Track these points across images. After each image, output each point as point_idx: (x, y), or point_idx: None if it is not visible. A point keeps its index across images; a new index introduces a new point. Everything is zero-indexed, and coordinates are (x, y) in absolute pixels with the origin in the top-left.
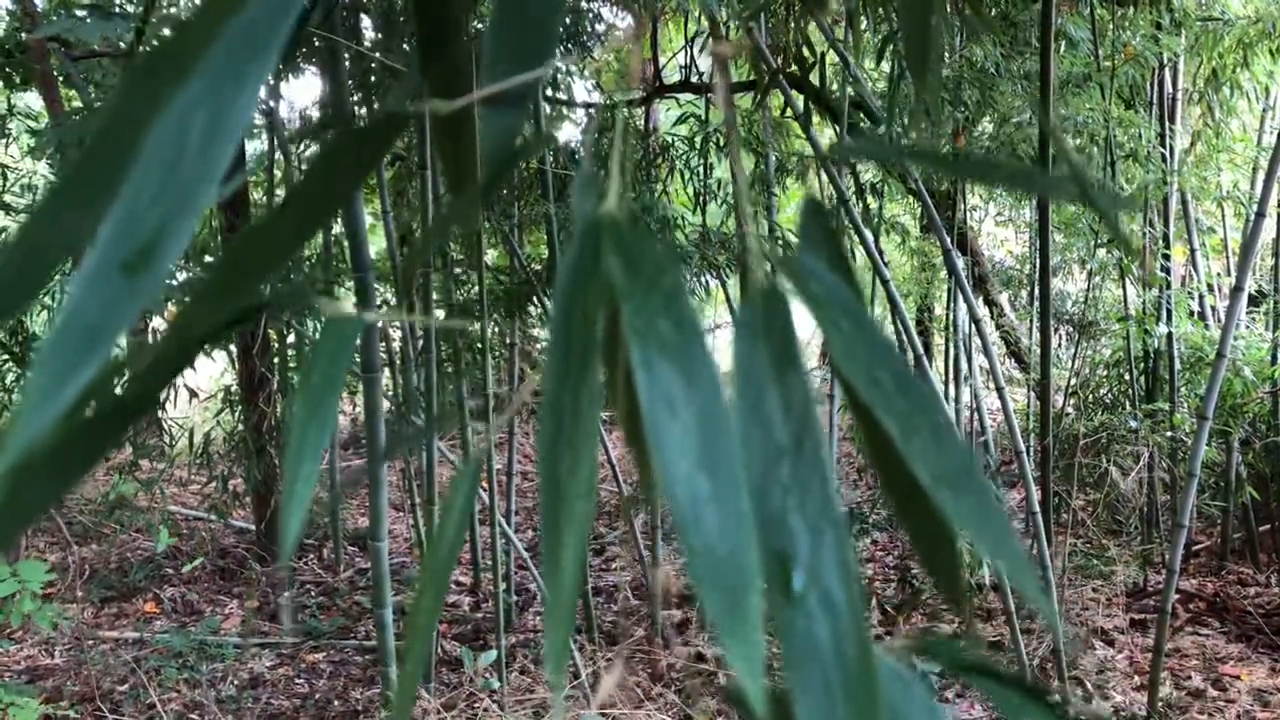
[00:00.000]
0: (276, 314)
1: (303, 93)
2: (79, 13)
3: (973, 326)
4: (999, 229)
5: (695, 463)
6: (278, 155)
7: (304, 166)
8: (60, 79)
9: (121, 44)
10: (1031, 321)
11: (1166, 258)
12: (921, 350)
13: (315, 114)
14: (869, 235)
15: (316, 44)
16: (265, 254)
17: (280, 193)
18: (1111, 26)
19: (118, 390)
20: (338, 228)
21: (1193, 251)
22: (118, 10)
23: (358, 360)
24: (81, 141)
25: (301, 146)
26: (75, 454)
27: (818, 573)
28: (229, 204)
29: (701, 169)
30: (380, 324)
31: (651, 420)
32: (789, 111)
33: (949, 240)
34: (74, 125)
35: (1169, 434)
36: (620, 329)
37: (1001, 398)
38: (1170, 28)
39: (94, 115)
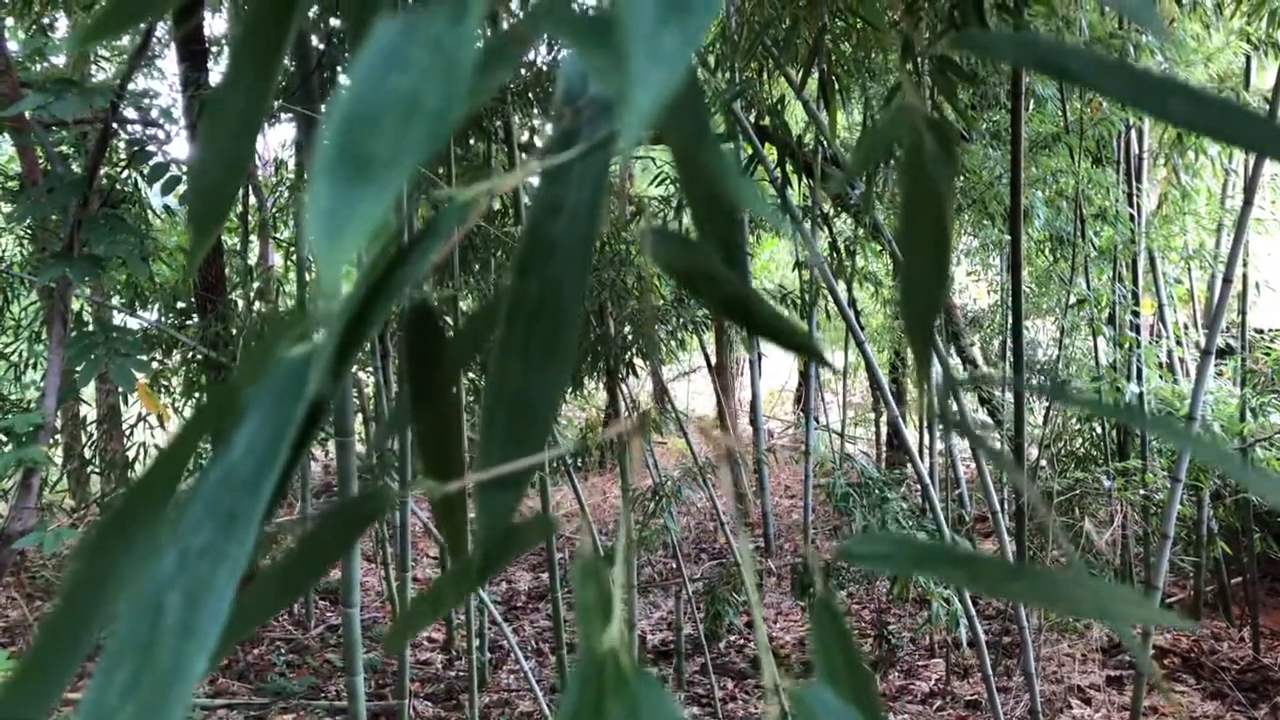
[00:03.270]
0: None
1: (277, 138)
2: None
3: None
4: (970, 279)
5: None
6: (252, 201)
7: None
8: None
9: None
10: (1004, 376)
11: (1136, 314)
12: (897, 412)
13: (291, 160)
14: (843, 295)
15: (294, 97)
16: (256, 611)
17: (254, 239)
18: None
19: None
20: (309, 275)
21: (1161, 306)
22: (92, 84)
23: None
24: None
25: (275, 195)
26: None
27: None
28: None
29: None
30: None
31: None
32: (761, 170)
33: None
34: (47, 198)
35: (1141, 492)
36: None
37: (976, 456)
38: None
39: (69, 189)
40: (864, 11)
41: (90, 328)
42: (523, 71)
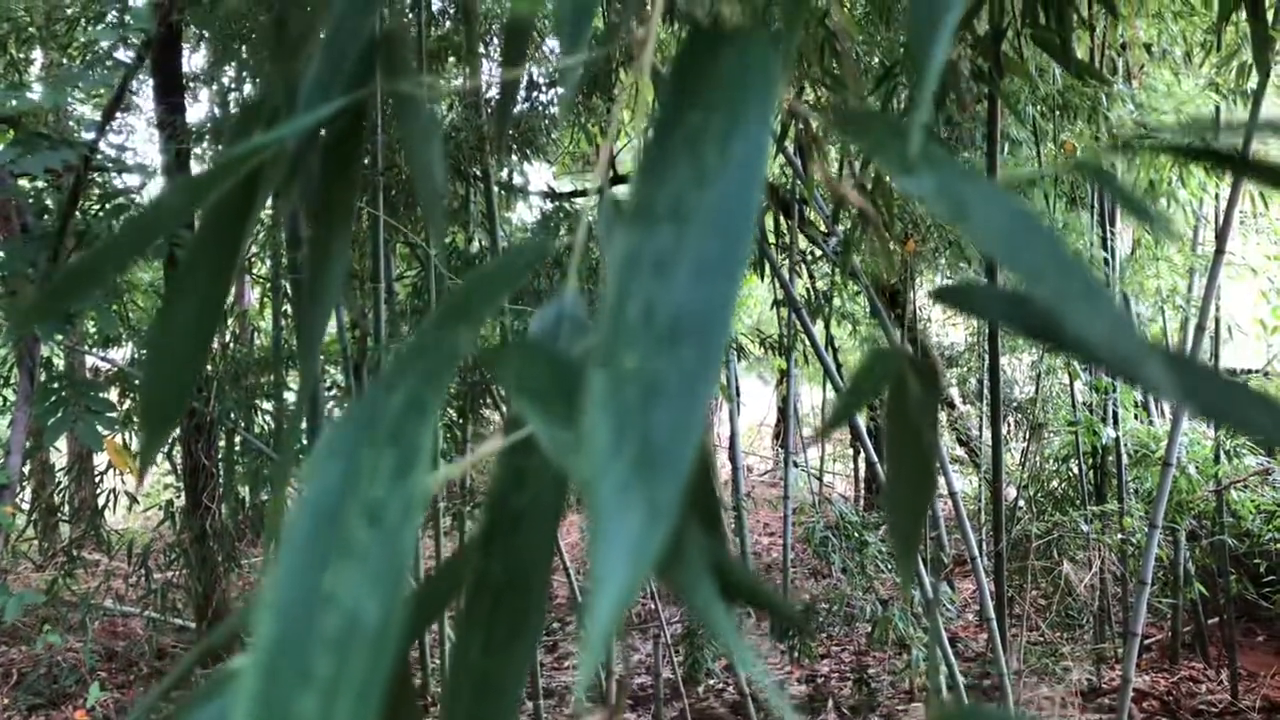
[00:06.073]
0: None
1: None
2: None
3: None
4: (945, 317)
5: None
6: None
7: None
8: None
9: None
10: (981, 416)
11: None
12: (875, 457)
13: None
14: (821, 335)
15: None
16: None
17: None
18: (1052, 127)
19: None
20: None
21: None
22: (68, 139)
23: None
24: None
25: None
26: None
27: None
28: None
29: None
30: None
31: None
32: None
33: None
34: (18, 251)
35: (1119, 536)
36: None
37: (954, 502)
38: (1108, 139)
39: (40, 242)
40: (840, 71)
41: (60, 370)
42: None
